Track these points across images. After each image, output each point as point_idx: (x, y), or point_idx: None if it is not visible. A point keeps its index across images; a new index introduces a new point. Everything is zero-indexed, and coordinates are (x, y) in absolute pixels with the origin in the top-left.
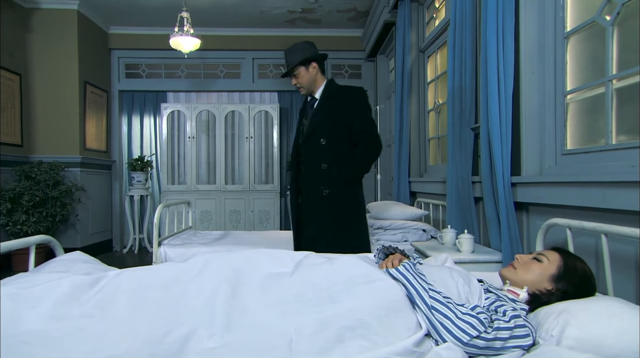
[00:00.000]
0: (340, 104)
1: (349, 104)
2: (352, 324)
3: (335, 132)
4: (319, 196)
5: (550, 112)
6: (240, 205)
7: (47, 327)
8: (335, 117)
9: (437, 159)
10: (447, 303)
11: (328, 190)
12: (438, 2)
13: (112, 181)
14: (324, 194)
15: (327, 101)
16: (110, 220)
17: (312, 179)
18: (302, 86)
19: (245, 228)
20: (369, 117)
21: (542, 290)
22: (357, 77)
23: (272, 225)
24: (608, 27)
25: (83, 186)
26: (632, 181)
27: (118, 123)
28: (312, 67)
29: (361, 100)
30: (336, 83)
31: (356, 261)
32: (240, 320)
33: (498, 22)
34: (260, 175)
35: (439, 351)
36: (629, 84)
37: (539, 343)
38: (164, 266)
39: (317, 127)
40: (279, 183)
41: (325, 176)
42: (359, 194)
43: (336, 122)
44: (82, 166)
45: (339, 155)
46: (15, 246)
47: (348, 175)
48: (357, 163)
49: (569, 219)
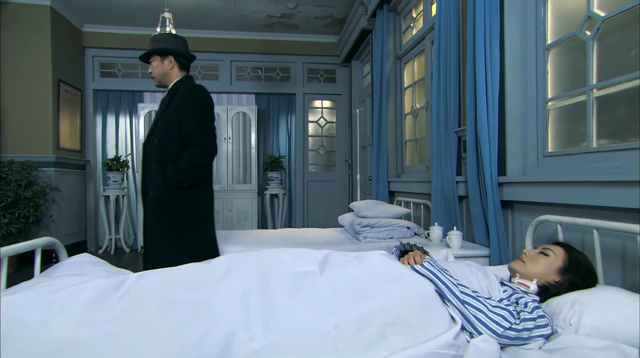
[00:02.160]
0: (176, 101)
1: (181, 102)
2: (392, 320)
3: (167, 132)
4: (147, 198)
5: (533, 117)
6: (218, 205)
7: (77, 333)
8: (169, 115)
9: (415, 160)
10: (477, 297)
11: (152, 193)
12: (415, 12)
13: (87, 181)
14: (150, 196)
15: (167, 97)
16: (85, 221)
17: (145, 181)
18: (154, 76)
19: (224, 227)
20: (199, 118)
21: (551, 281)
22: (332, 82)
23: (250, 224)
24: (589, 41)
25: (57, 187)
26: (618, 180)
27: (92, 122)
28: (168, 60)
29: (195, 99)
30: (188, 81)
31: (384, 259)
32: (277, 320)
33: (485, 34)
34: (238, 175)
35: (477, 343)
36: (609, 93)
37: (557, 331)
38: (187, 268)
39: (155, 126)
40: (257, 183)
41: (153, 178)
42: (196, 197)
43: (169, 121)
44: (56, 165)
45: (167, 156)
46: (20, 249)
47: (171, 179)
48: (180, 166)
49: (558, 216)
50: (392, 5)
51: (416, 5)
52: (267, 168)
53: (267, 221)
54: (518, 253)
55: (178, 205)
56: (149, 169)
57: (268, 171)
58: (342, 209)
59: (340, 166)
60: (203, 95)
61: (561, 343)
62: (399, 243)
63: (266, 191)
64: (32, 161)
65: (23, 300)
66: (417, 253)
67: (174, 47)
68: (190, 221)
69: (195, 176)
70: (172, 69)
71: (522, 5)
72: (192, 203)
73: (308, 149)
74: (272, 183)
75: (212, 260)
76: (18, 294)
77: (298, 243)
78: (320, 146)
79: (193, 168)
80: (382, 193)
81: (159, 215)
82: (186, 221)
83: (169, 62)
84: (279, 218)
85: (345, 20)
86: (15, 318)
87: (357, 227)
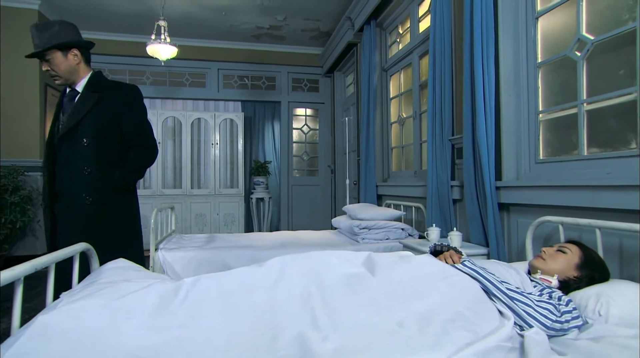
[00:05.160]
0: (108, 99)
1: (118, 100)
2: (452, 317)
3: (101, 132)
4: (81, 205)
5: (525, 127)
6: (205, 209)
7: (150, 339)
8: (102, 114)
9: (402, 166)
10: (521, 293)
11: (92, 198)
12: (402, 28)
13: None
14: (88, 203)
15: (92, 94)
16: None
17: (73, 185)
18: (58, 74)
19: (211, 231)
20: (142, 118)
21: (570, 277)
22: (315, 91)
23: (237, 227)
24: (579, 60)
25: None
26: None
27: None
28: (72, 54)
29: (134, 98)
30: (104, 76)
31: (431, 259)
32: (341, 320)
33: (483, 52)
34: (225, 180)
35: (532, 335)
36: (598, 107)
37: (587, 322)
38: (239, 272)
39: (79, 125)
40: (243, 187)
41: (89, 182)
42: (130, 200)
43: (103, 120)
44: (43, 170)
45: (106, 158)
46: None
47: (120, 183)
48: (129, 168)
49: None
50: (379, 22)
51: (402, 22)
52: (253, 173)
53: (253, 224)
54: (514, 251)
55: (122, 208)
56: (79, 173)
57: (254, 175)
58: (324, 212)
59: (323, 171)
60: (140, 94)
61: (596, 333)
62: (432, 244)
63: (252, 195)
64: (18, 165)
65: (90, 306)
66: (452, 253)
67: (75, 38)
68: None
69: (141, 177)
70: (79, 64)
71: (514, 27)
72: (132, 205)
73: (292, 155)
74: (258, 187)
75: (262, 263)
76: (84, 301)
77: (301, 245)
78: (304, 152)
79: (140, 169)
80: (370, 196)
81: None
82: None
83: (74, 56)
84: (264, 221)
85: (330, 34)
86: (84, 325)
87: (355, 229)
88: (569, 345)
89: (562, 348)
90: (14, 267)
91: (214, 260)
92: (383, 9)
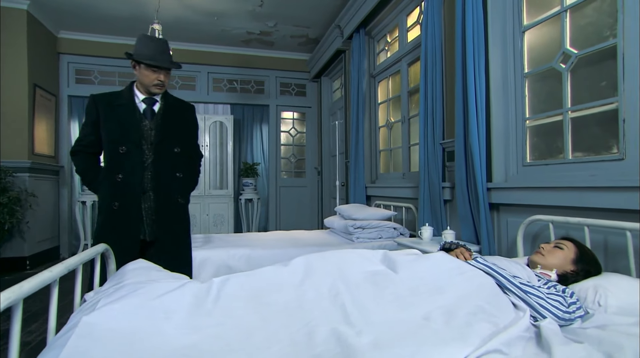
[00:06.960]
0: (185, 116)
1: (189, 116)
2: (473, 310)
3: (185, 143)
4: (171, 202)
5: (513, 133)
6: (195, 209)
7: (191, 338)
8: (184, 128)
9: (390, 168)
10: (532, 286)
11: (182, 199)
12: (390, 37)
13: (60, 187)
14: (180, 202)
15: (175, 109)
16: (58, 227)
17: (166, 187)
18: (165, 84)
19: (201, 231)
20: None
21: (568, 271)
22: (303, 95)
23: (227, 227)
24: (564, 72)
25: (33, 192)
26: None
27: (67, 128)
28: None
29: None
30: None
31: (448, 256)
32: (371, 316)
33: (474, 62)
34: (215, 181)
35: (547, 325)
36: (582, 115)
37: (588, 312)
38: (265, 271)
39: (169, 134)
40: (233, 189)
41: (178, 184)
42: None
43: (185, 133)
44: (31, 171)
45: (186, 165)
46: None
47: (194, 186)
48: (196, 175)
49: (549, 215)
50: (368, 30)
51: (391, 31)
52: (242, 174)
53: (242, 225)
54: (504, 249)
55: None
56: (171, 176)
57: (243, 177)
58: (311, 213)
59: (310, 173)
60: None
61: (598, 322)
62: (442, 242)
63: (241, 196)
64: (6, 166)
65: (129, 307)
66: (463, 250)
67: None
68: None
69: None
70: None
71: (502, 39)
72: None
73: (280, 157)
74: (247, 188)
75: (287, 262)
76: (123, 301)
77: (298, 245)
78: (292, 154)
79: (198, 176)
80: (360, 197)
81: (183, 219)
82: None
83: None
84: (253, 221)
85: (318, 40)
86: (126, 325)
87: (350, 228)
88: (579, 334)
89: (574, 337)
90: (51, 268)
91: (214, 260)
92: (372, 19)
